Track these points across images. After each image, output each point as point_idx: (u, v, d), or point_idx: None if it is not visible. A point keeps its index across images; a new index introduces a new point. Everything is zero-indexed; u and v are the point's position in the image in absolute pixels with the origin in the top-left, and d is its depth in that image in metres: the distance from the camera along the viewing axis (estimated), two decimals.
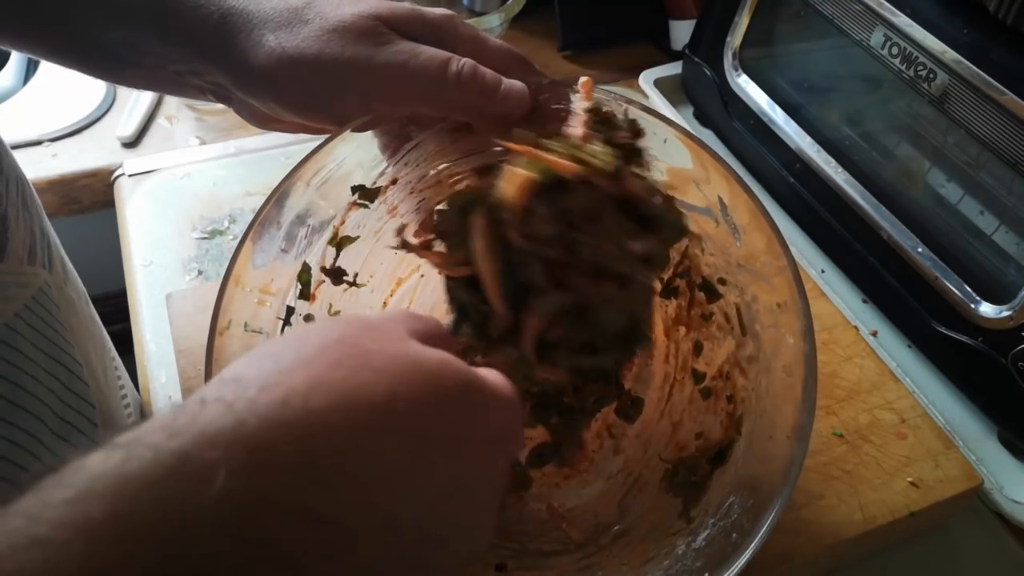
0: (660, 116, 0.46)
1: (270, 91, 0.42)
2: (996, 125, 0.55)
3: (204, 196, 0.74)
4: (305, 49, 0.40)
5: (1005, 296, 0.57)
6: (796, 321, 0.42)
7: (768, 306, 0.45)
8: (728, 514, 0.41)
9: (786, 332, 0.43)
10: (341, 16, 0.41)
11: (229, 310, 0.41)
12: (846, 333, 0.62)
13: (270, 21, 0.41)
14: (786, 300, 0.43)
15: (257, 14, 0.42)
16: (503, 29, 0.84)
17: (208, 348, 0.40)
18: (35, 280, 0.50)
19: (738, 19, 0.77)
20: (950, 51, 0.57)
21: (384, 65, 0.40)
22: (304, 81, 0.41)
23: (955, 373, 0.62)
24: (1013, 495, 0.56)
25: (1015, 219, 0.59)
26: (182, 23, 0.42)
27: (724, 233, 0.47)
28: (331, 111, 0.43)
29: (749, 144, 0.79)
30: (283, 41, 0.41)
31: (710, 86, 0.81)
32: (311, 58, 0.40)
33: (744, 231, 0.46)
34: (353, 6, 0.42)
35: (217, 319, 0.40)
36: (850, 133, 0.71)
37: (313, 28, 0.41)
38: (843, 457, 0.55)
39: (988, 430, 0.61)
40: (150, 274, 0.67)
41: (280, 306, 0.45)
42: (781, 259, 0.43)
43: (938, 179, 0.65)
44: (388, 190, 0.49)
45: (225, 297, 0.40)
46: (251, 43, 0.41)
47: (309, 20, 0.41)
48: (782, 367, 0.43)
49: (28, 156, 0.77)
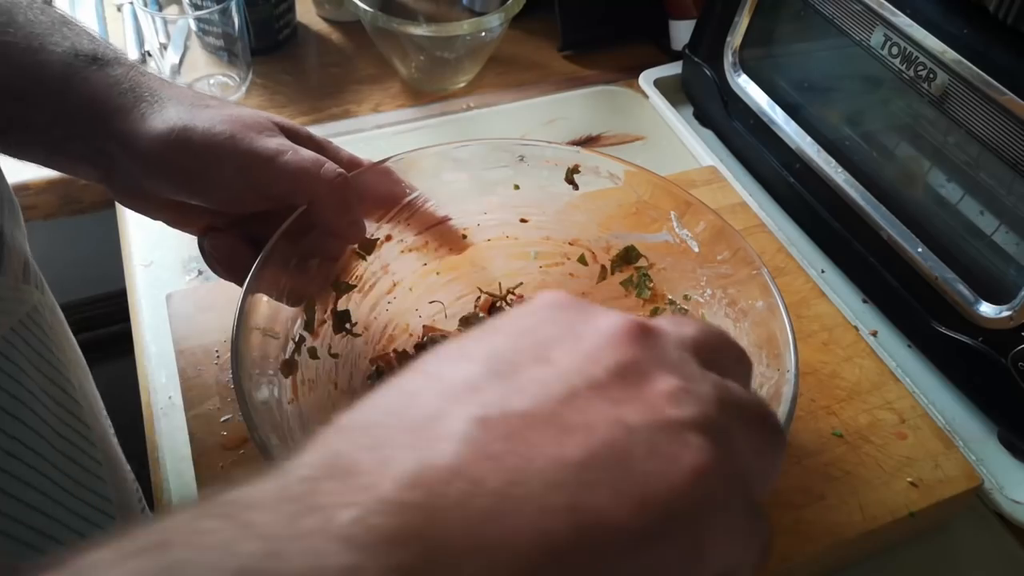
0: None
1: (155, 157, 0.44)
2: (996, 125, 0.55)
3: None
4: (197, 122, 0.44)
5: (1005, 296, 0.57)
6: (766, 286, 0.46)
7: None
8: None
9: (753, 300, 0.46)
10: (240, 110, 0.46)
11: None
12: (846, 333, 0.62)
13: (174, 99, 0.45)
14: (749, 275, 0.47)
15: (163, 92, 0.46)
16: (503, 29, 0.84)
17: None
18: (30, 298, 0.51)
19: (738, 19, 0.77)
20: (950, 51, 0.57)
21: (264, 150, 0.44)
22: (191, 151, 0.44)
23: (955, 373, 0.62)
24: (1013, 495, 0.56)
25: (1015, 219, 0.59)
26: (87, 91, 0.44)
27: (683, 249, 0.52)
28: (209, 182, 0.45)
29: (749, 144, 0.79)
30: (181, 113, 0.44)
31: (710, 86, 0.81)
32: (200, 130, 0.44)
33: (701, 241, 0.51)
34: (251, 110, 0.48)
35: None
36: (850, 133, 0.71)
37: (209, 112, 0.45)
38: (843, 457, 0.55)
39: (988, 430, 0.61)
40: (150, 274, 0.67)
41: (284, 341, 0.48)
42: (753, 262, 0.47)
43: (938, 179, 0.65)
44: (383, 245, 0.53)
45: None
46: (151, 111, 0.44)
47: (209, 106, 0.46)
48: (756, 332, 0.46)
49: None
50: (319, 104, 0.86)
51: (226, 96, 0.85)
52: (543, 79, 0.92)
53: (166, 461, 0.55)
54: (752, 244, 0.48)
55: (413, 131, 0.84)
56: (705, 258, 0.51)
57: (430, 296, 0.57)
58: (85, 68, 0.45)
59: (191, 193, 0.46)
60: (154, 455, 0.55)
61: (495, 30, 0.83)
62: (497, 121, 0.86)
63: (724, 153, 0.83)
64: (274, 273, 0.46)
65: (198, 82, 0.85)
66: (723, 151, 0.83)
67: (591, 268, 0.57)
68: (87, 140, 0.45)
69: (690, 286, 0.53)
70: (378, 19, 0.80)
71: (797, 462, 0.54)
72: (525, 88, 0.91)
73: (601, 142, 0.83)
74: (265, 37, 0.90)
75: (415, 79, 0.88)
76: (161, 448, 0.56)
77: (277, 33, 0.91)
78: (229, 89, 0.85)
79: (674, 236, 0.52)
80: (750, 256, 0.48)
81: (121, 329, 0.65)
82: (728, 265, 0.49)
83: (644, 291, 0.55)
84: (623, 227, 0.55)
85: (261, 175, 0.44)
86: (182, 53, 0.83)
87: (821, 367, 0.60)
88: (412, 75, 0.88)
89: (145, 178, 0.46)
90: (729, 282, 0.49)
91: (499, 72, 0.93)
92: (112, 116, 0.44)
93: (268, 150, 0.44)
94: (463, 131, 0.84)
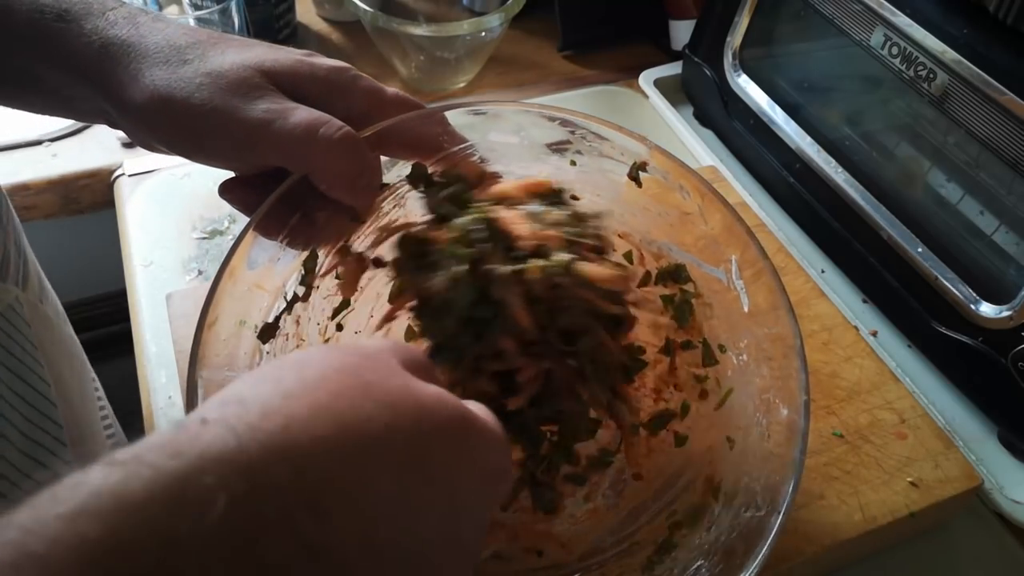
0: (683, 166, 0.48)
1: (144, 125, 0.42)
2: (996, 125, 0.55)
3: (204, 196, 0.74)
4: (176, 91, 0.40)
5: (1005, 296, 0.57)
6: (794, 393, 0.41)
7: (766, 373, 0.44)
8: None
9: (780, 402, 0.43)
10: (221, 63, 0.41)
11: (220, 303, 0.41)
12: (846, 333, 0.62)
13: (149, 56, 0.41)
14: (786, 369, 0.43)
15: (138, 47, 0.41)
16: (503, 29, 0.84)
17: (195, 340, 0.40)
18: (5, 296, 0.50)
19: (738, 19, 0.77)
20: (950, 51, 0.57)
21: (248, 121, 0.39)
22: (175, 122, 0.40)
23: (955, 373, 0.62)
24: (1013, 495, 0.56)
25: (1015, 219, 0.59)
26: (64, 50, 0.41)
27: (733, 298, 0.47)
28: (204, 152, 0.42)
29: (749, 144, 0.79)
30: (157, 79, 0.40)
31: (710, 86, 0.81)
32: (180, 101, 0.40)
33: (750, 291, 0.46)
34: (238, 53, 0.41)
35: (207, 312, 0.40)
36: (850, 133, 0.71)
37: (189, 70, 0.40)
38: (843, 457, 0.55)
39: (988, 430, 0.61)
40: (150, 274, 0.67)
41: (272, 304, 0.45)
42: (785, 324, 0.43)
43: (938, 179, 0.65)
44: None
45: (218, 291, 0.40)
46: (128, 76, 0.40)
47: (188, 60, 0.41)
48: (772, 442, 0.43)
49: (28, 156, 0.77)
50: None
51: None
52: (543, 79, 0.93)
53: None
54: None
55: None
56: (755, 320, 0.46)
57: None
58: (52, 25, 0.41)
59: (190, 157, 0.43)
60: None
61: (495, 30, 0.83)
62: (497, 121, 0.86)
63: (724, 153, 0.83)
64: (274, 223, 0.43)
65: None
66: (723, 151, 0.83)
67: (633, 269, 0.52)
68: (84, 100, 0.43)
69: (728, 339, 0.48)
70: (378, 19, 0.80)
71: None
72: (525, 88, 0.91)
73: None
74: (265, 37, 0.90)
75: (415, 79, 0.88)
76: None
77: (277, 33, 0.91)
78: None
79: (729, 280, 0.47)
80: (791, 342, 0.43)
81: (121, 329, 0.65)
82: (770, 346, 0.45)
83: (685, 319, 0.50)
84: (681, 241, 0.50)
85: (248, 148, 0.40)
86: None
87: (821, 367, 0.60)
88: (412, 75, 0.88)
89: (144, 142, 0.44)
90: (767, 361, 0.45)
91: (499, 72, 0.93)
92: (96, 83, 0.41)
93: (251, 119, 0.39)
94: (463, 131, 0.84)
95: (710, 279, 0.49)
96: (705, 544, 0.42)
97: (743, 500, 0.42)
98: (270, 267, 0.44)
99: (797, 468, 0.39)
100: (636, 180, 0.50)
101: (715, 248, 0.48)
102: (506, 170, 0.50)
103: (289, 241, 0.44)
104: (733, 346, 0.48)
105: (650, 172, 0.50)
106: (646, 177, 0.50)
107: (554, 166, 0.51)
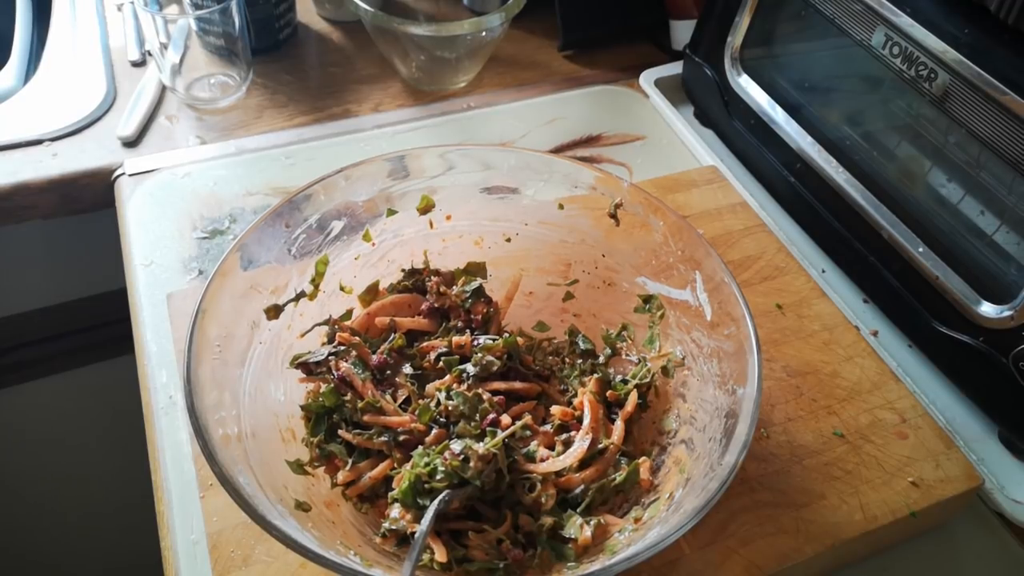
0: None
1: None
2: (997, 125, 0.55)
3: (204, 196, 0.74)
4: None
5: (1006, 296, 0.57)
6: None
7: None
8: None
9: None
10: None
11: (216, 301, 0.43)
12: (847, 333, 0.62)
13: None
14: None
15: None
16: (503, 29, 0.84)
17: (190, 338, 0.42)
18: None
19: (738, 19, 0.77)
20: (951, 51, 0.57)
21: None
22: None
23: (956, 373, 0.62)
24: (1014, 495, 0.56)
25: (1016, 219, 0.59)
26: None
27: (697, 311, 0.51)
28: None
29: (749, 144, 0.79)
30: None
31: (711, 86, 0.81)
32: None
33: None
34: None
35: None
36: (851, 133, 0.71)
37: None
38: (844, 457, 0.55)
39: (989, 430, 0.61)
40: (150, 274, 0.67)
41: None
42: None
43: (939, 179, 0.65)
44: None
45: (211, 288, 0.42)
46: None
47: None
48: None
49: (28, 156, 0.77)
50: (319, 104, 0.86)
51: (226, 96, 0.85)
52: (543, 79, 0.93)
53: (167, 460, 0.55)
54: (752, 244, 0.47)
55: (413, 131, 0.84)
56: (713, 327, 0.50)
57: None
58: None
59: None
60: (154, 454, 0.55)
61: (495, 30, 0.83)
62: (497, 121, 0.86)
63: (724, 153, 0.83)
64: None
65: (198, 82, 0.85)
66: (723, 151, 0.83)
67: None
68: None
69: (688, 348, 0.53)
70: (378, 19, 0.80)
71: (798, 462, 0.54)
72: (525, 88, 0.91)
73: (601, 142, 0.83)
74: (265, 37, 0.90)
75: (415, 79, 0.88)
76: (161, 447, 0.56)
77: (277, 33, 0.91)
78: (229, 89, 0.85)
79: (695, 297, 0.52)
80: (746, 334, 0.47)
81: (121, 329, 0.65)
82: (729, 342, 0.49)
83: (655, 325, 0.55)
84: (652, 274, 0.55)
85: None
86: (182, 53, 0.83)
87: (822, 367, 0.60)
88: (412, 75, 0.88)
89: None
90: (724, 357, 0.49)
91: (499, 72, 0.93)
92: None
93: None
94: (463, 131, 0.84)
95: (678, 303, 0.53)
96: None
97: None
98: (270, 267, 0.45)
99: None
100: (615, 219, 0.55)
101: (682, 267, 0.53)
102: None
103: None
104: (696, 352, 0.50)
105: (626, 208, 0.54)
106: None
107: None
